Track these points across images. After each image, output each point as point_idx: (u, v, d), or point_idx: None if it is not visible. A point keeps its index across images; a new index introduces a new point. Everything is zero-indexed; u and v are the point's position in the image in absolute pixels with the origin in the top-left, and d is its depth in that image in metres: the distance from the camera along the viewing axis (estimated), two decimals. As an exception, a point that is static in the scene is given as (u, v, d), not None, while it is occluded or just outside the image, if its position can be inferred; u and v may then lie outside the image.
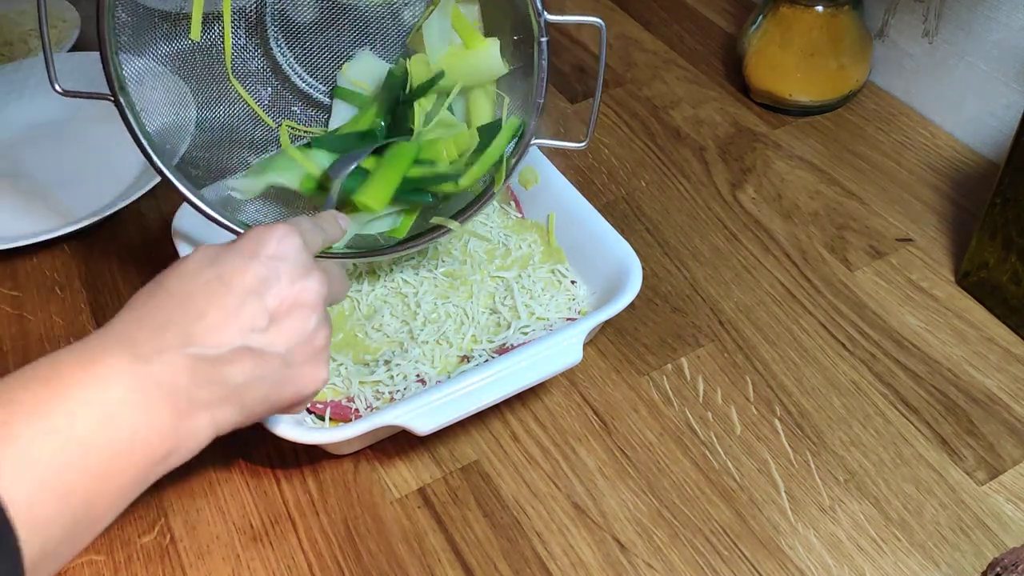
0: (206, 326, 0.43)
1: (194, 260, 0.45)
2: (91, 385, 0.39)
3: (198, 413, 0.42)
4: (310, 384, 0.47)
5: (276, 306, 0.45)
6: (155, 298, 0.44)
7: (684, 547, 0.57)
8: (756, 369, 0.66)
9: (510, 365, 0.58)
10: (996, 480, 0.59)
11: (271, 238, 0.46)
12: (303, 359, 0.46)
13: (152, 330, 0.42)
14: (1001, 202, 0.65)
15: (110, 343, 0.41)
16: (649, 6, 1.00)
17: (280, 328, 0.45)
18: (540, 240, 0.71)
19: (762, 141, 0.84)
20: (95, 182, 0.81)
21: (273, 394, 0.46)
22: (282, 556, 0.57)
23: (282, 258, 0.46)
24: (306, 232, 0.49)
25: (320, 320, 0.47)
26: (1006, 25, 0.75)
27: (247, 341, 0.44)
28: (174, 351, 0.42)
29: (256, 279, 0.45)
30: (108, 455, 0.39)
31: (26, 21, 0.97)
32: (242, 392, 0.44)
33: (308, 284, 0.46)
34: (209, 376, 0.42)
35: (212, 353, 0.42)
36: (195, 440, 0.43)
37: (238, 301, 0.44)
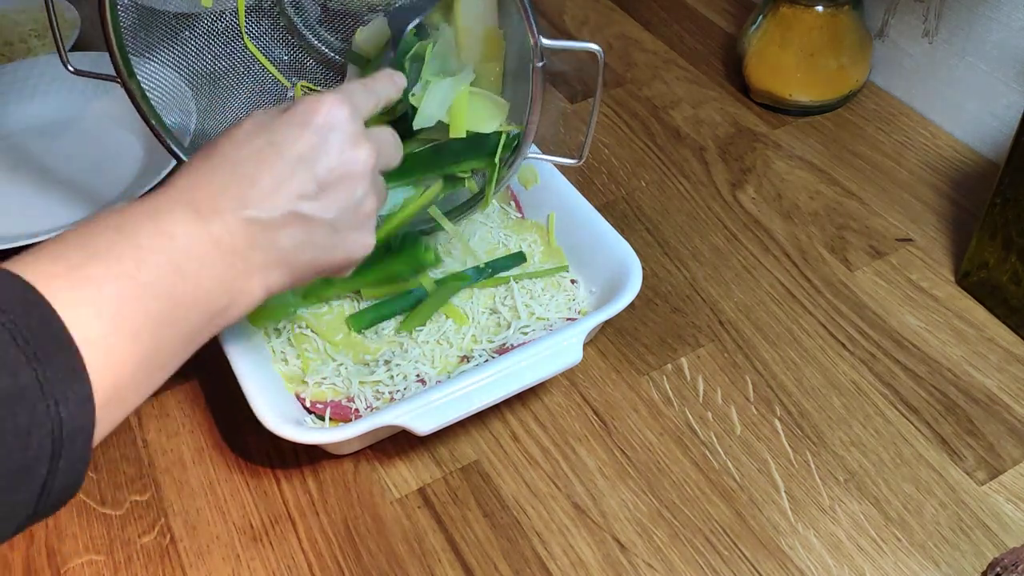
0: (259, 191, 0.44)
1: (247, 126, 0.47)
2: (158, 235, 0.42)
3: (252, 273, 0.45)
4: (358, 250, 0.49)
5: (325, 174, 0.46)
6: (210, 161, 0.45)
7: (684, 547, 0.57)
8: (756, 369, 0.66)
9: (510, 365, 0.58)
10: (996, 480, 0.59)
11: (322, 107, 0.47)
12: (350, 226, 0.48)
13: (210, 192, 0.44)
14: (1001, 202, 0.65)
15: (174, 200, 0.43)
16: (649, 6, 1.00)
17: (329, 196, 0.46)
18: (540, 240, 0.71)
19: (762, 141, 0.84)
20: (95, 182, 0.81)
21: (321, 258, 0.48)
22: (282, 556, 0.57)
23: (332, 127, 0.47)
24: (358, 99, 0.49)
25: (367, 189, 0.48)
26: (1006, 25, 0.75)
27: (297, 207, 0.45)
28: (230, 213, 0.44)
29: (307, 147, 0.46)
30: (174, 302, 0.41)
31: (26, 21, 0.97)
32: (292, 255, 0.46)
33: (357, 154, 0.47)
34: (262, 239, 0.44)
35: (265, 217, 0.44)
36: (249, 297, 0.45)
37: (289, 168, 0.45)
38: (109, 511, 0.59)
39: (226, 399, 0.65)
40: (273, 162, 0.45)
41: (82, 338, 0.37)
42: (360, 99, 0.50)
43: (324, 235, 0.47)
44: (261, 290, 0.46)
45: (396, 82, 0.56)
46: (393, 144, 0.53)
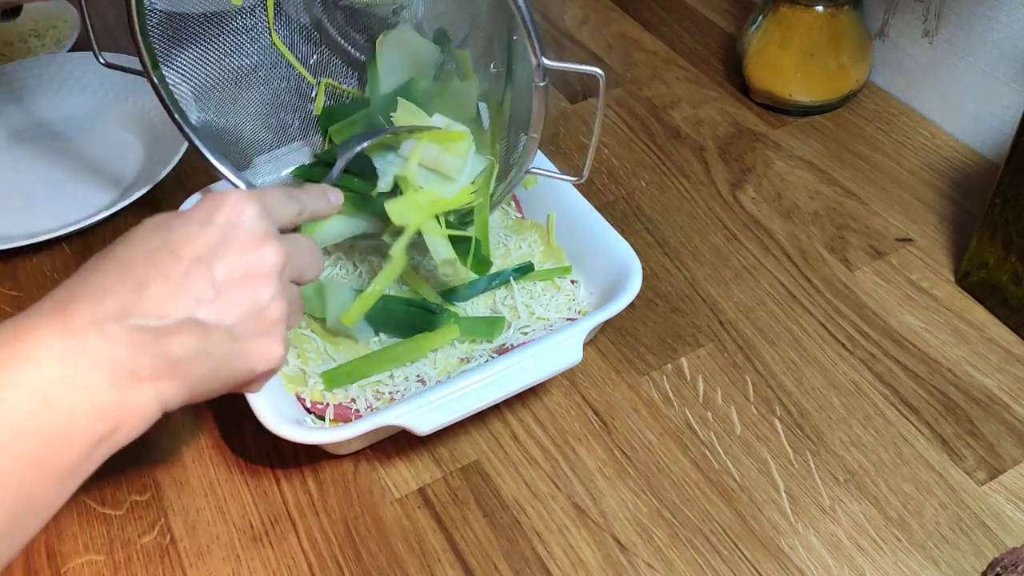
0: (149, 295, 0.40)
1: (144, 227, 0.43)
2: (20, 365, 0.37)
3: (141, 387, 0.40)
4: (261, 361, 0.44)
5: (225, 276, 0.42)
6: (100, 266, 0.41)
7: (684, 547, 0.57)
8: (756, 369, 0.66)
9: (510, 365, 0.58)
10: (996, 480, 0.59)
11: (224, 204, 0.44)
12: (253, 333, 0.43)
13: (91, 300, 0.39)
14: (1001, 202, 0.65)
15: (44, 317, 0.39)
16: (649, 6, 1.00)
17: (229, 300, 0.42)
18: (540, 240, 0.71)
19: (762, 141, 0.84)
20: (95, 182, 0.81)
21: (222, 370, 0.43)
22: (282, 556, 0.57)
23: (235, 225, 0.43)
24: (271, 200, 0.46)
25: (275, 293, 0.44)
26: (1006, 25, 0.75)
27: (192, 313, 0.41)
28: (113, 322, 0.39)
29: (205, 246, 0.42)
30: (43, 438, 0.37)
31: (26, 21, 0.97)
32: (187, 367, 0.41)
33: (262, 253, 0.43)
34: (151, 348, 0.40)
35: (154, 324, 0.40)
36: (140, 416, 0.41)
37: (184, 270, 0.41)
38: (109, 511, 0.59)
39: (226, 399, 0.65)
40: (167, 263, 0.41)
41: None
42: (276, 202, 0.47)
43: (222, 343, 0.42)
44: (155, 403, 0.41)
45: (330, 199, 0.54)
46: (309, 254, 0.48)
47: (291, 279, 0.47)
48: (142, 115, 0.85)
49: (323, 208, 0.53)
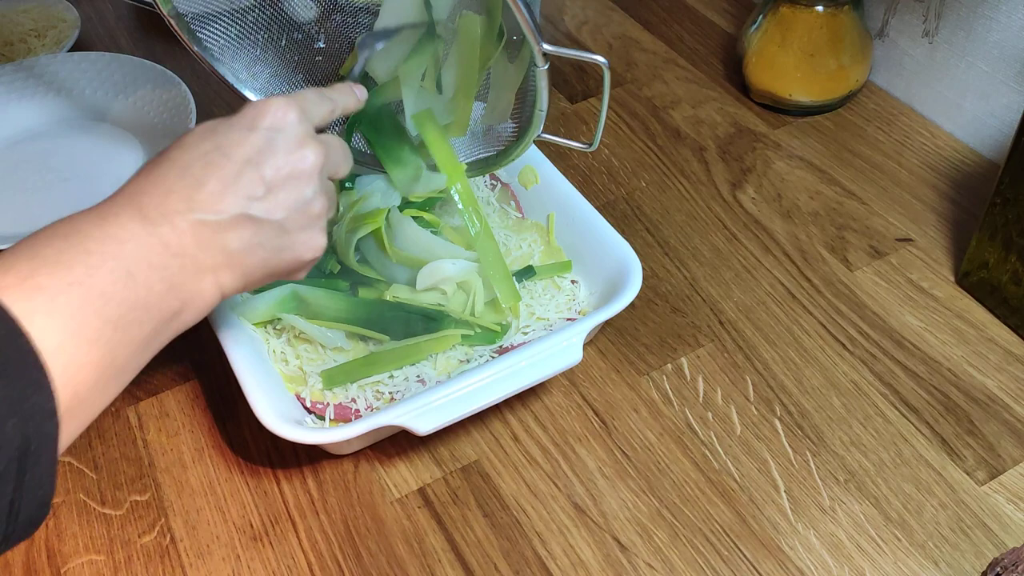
0: (207, 194, 0.44)
1: (195, 132, 0.47)
2: (107, 240, 0.42)
3: (203, 275, 0.45)
4: (307, 251, 0.49)
5: (273, 175, 0.46)
6: (160, 167, 0.45)
7: (684, 547, 0.57)
8: (756, 369, 0.66)
9: (510, 365, 0.58)
10: (996, 480, 0.59)
11: (268, 110, 0.47)
12: (300, 227, 0.48)
13: (157, 196, 0.44)
14: (1001, 202, 0.65)
15: (121, 206, 0.43)
16: (649, 6, 1.00)
17: (277, 197, 0.47)
18: (540, 240, 0.71)
19: (762, 141, 0.84)
20: (95, 182, 0.81)
21: (272, 259, 0.48)
22: (282, 556, 0.57)
23: (279, 129, 0.47)
24: (308, 104, 0.50)
25: (316, 189, 0.48)
26: (1006, 25, 0.75)
27: (245, 209, 0.45)
28: (178, 216, 0.44)
29: (253, 149, 0.46)
30: (126, 307, 0.41)
31: (26, 21, 0.97)
32: (242, 257, 0.46)
33: (305, 154, 0.48)
34: (210, 241, 0.44)
35: (213, 219, 0.44)
36: (202, 300, 0.45)
37: (236, 170, 0.45)
38: (109, 511, 0.59)
39: (226, 399, 0.65)
40: (220, 164, 0.45)
41: (41, 349, 0.37)
42: (312, 104, 0.50)
43: (273, 236, 0.47)
44: (214, 292, 0.46)
45: (357, 94, 0.57)
46: (342, 152, 0.53)
47: (328, 176, 0.51)
48: (142, 115, 0.85)
49: (352, 103, 0.56)
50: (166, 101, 0.85)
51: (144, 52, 0.92)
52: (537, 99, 0.61)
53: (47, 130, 0.86)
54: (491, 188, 0.74)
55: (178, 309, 0.44)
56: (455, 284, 0.65)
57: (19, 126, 0.86)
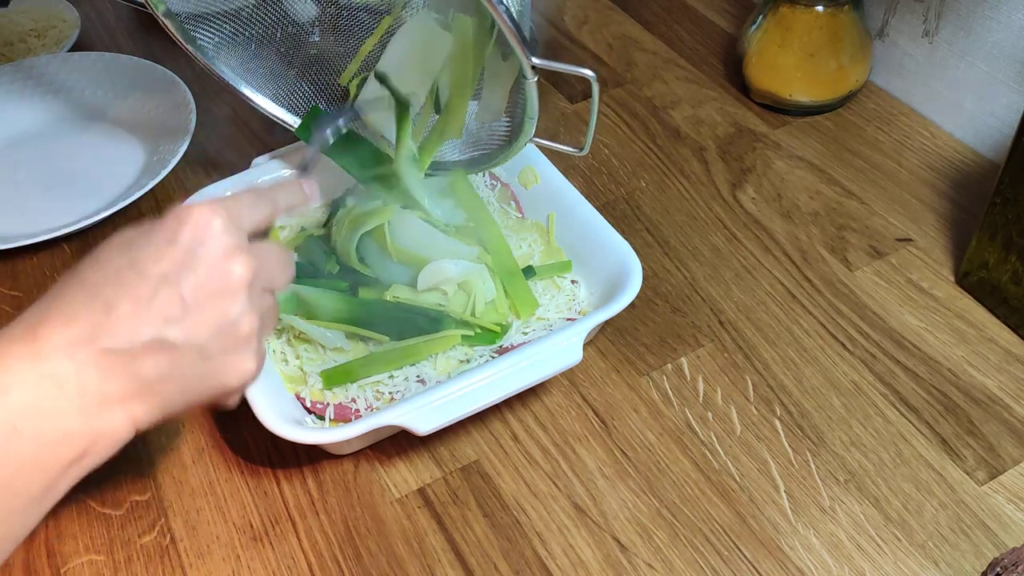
0: (116, 317, 0.40)
1: (110, 246, 0.43)
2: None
3: (111, 410, 0.40)
4: (234, 376, 0.44)
5: (192, 294, 0.42)
6: (68, 288, 0.41)
7: (684, 547, 0.57)
8: (756, 369, 0.66)
9: (510, 365, 0.58)
10: (996, 480, 0.59)
11: (190, 219, 0.42)
12: (224, 350, 0.43)
13: (59, 324, 0.39)
14: (1001, 202, 0.65)
15: (14, 341, 0.39)
16: (649, 6, 1.00)
17: (197, 318, 0.42)
18: (540, 240, 0.71)
19: (762, 141, 0.84)
20: (95, 182, 0.81)
21: (192, 387, 0.43)
22: (282, 556, 0.57)
23: (201, 240, 0.42)
24: (240, 208, 0.45)
25: (244, 307, 0.43)
26: (1006, 25, 0.75)
27: (161, 333, 0.41)
28: (81, 346, 0.39)
29: (171, 265, 0.41)
30: (13, 467, 0.38)
31: (26, 21, 0.97)
32: (159, 386, 0.41)
33: (231, 268, 0.43)
34: (120, 371, 0.40)
35: (123, 346, 0.40)
36: (111, 439, 0.41)
37: (151, 290, 0.41)
38: (109, 511, 0.59)
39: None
40: (134, 284, 0.41)
41: None
42: (244, 209, 0.45)
43: (194, 361, 0.42)
44: (125, 427, 0.41)
45: (304, 190, 0.52)
46: (279, 262, 0.47)
47: (263, 289, 0.46)
48: (142, 115, 0.85)
49: (298, 200, 0.51)
50: (166, 101, 0.85)
51: (144, 52, 0.92)
52: (527, 108, 0.61)
53: (47, 130, 0.86)
54: (491, 188, 0.74)
55: (79, 454, 0.40)
56: (456, 285, 0.65)
57: (19, 126, 0.86)
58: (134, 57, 0.88)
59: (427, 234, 0.65)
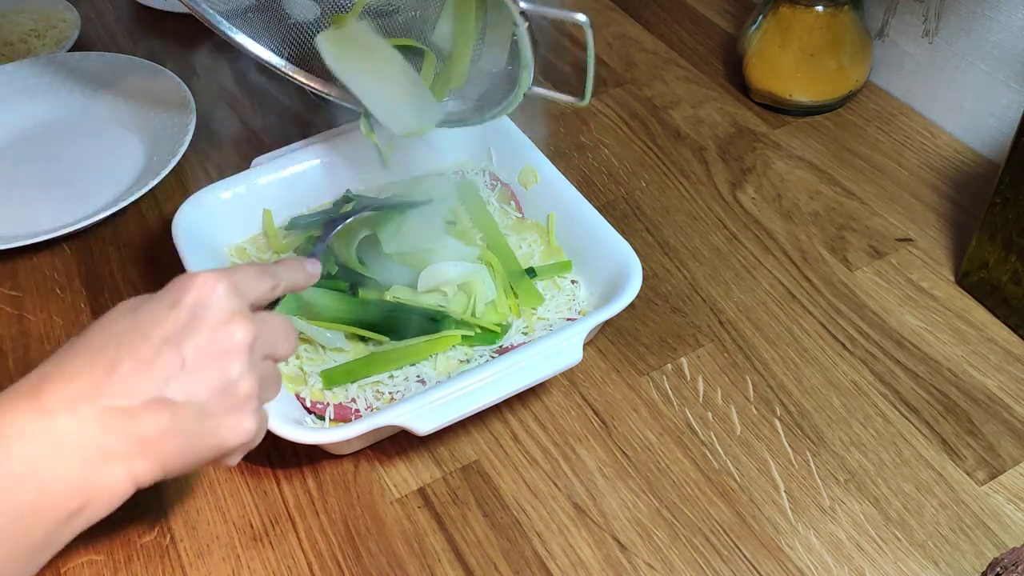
0: (119, 376, 0.42)
1: (115, 311, 0.45)
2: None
3: (112, 466, 0.42)
4: (232, 435, 0.45)
5: (193, 355, 0.43)
6: (73, 349, 0.43)
7: (684, 547, 0.57)
8: (756, 369, 0.66)
9: (510, 365, 0.58)
10: (996, 480, 0.59)
11: (193, 285, 0.44)
12: (224, 409, 0.44)
13: (62, 382, 0.41)
14: (1001, 202, 0.65)
15: (17, 397, 0.41)
16: (649, 6, 1.00)
17: (198, 377, 0.43)
18: (540, 240, 0.71)
19: (762, 141, 0.84)
20: (95, 182, 0.81)
21: (193, 445, 0.44)
22: (282, 556, 0.57)
23: (204, 305, 0.44)
24: (242, 279, 0.47)
25: (244, 369, 0.44)
26: (1006, 25, 0.75)
27: (162, 391, 0.42)
28: (83, 402, 0.41)
29: (174, 327, 0.43)
30: (14, 516, 0.39)
31: (26, 21, 0.97)
32: (158, 444, 0.42)
33: (232, 331, 0.44)
34: (120, 427, 0.41)
35: (124, 404, 0.41)
36: (110, 494, 0.42)
37: (154, 351, 0.42)
38: (109, 511, 0.59)
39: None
40: (136, 345, 0.42)
41: None
42: (247, 280, 0.47)
43: (193, 419, 0.43)
44: (125, 483, 0.42)
45: (308, 270, 0.53)
46: (281, 331, 0.48)
47: (264, 356, 0.47)
48: (142, 115, 0.85)
49: (300, 280, 0.52)
50: (166, 101, 0.85)
51: (144, 52, 0.92)
52: (522, 56, 0.60)
53: (47, 130, 0.86)
54: (491, 188, 0.74)
55: (79, 507, 0.41)
56: (456, 286, 0.65)
57: (19, 126, 0.86)
58: (134, 57, 0.88)
59: (429, 232, 0.65)
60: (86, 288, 0.74)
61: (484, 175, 0.75)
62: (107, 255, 0.76)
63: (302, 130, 0.80)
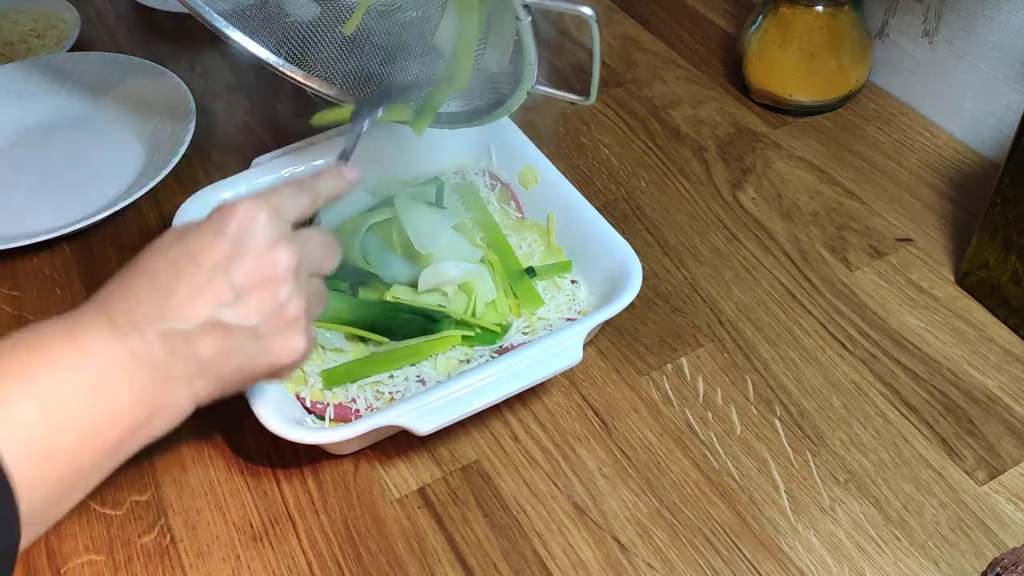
0: (175, 301, 0.44)
1: (165, 238, 0.46)
2: (74, 353, 0.41)
3: (175, 384, 0.44)
4: (285, 354, 0.47)
5: (243, 280, 0.45)
6: (129, 274, 0.45)
7: (684, 547, 0.57)
8: (756, 369, 0.66)
9: (510, 365, 0.58)
10: (996, 480, 0.59)
11: (235, 213, 0.46)
12: (275, 330, 0.47)
13: (127, 304, 0.44)
14: (1001, 202, 0.65)
15: (90, 315, 0.43)
16: (649, 6, 1.00)
17: (248, 301, 0.45)
18: (540, 240, 0.71)
19: (762, 141, 0.84)
20: (95, 182, 0.81)
21: (247, 365, 0.47)
22: (282, 556, 0.57)
23: (247, 232, 0.46)
24: (281, 200, 0.48)
25: (291, 291, 0.47)
26: (1006, 25, 0.75)
27: (216, 315, 0.44)
28: (148, 325, 0.43)
29: (221, 254, 0.45)
30: (90, 420, 0.41)
31: (26, 21, 0.97)
32: (215, 364, 0.45)
33: (276, 256, 0.46)
34: (181, 349, 0.44)
35: (183, 327, 0.44)
36: (175, 409, 0.45)
37: (205, 276, 0.45)
38: (109, 511, 0.59)
39: (226, 399, 0.65)
40: (189, 271, 0.45)
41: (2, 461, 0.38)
42: (286, 200, 0.48)
43: (247, 341, 0.46)
44: (188, 399, 0.45)
45: (346, 176, 0.54)
46: (324, 248, 0.51)
47: (309, 274, 0.49)
48: (142, 115, 0.85)
49: (340, 188, 0.54)
50: (166, 101, 0.85)
51: (144, 52, 0.92)
52: (525, 53, 0.59)
53: (47, 130, 0.86)
54: (491, 188, 0.74)
55: (146, 419, 0.44)
56: (456, 286, 0.65)
57: (19, 126, 0.86)
58: (134, 57, 0.88)
59: (434, 226, 0.65)
60: (86, 288, 0.74)
61: (484, 175, 0.75)
62: (107, 255, 0.76)
63: (302, 130, 0.79)
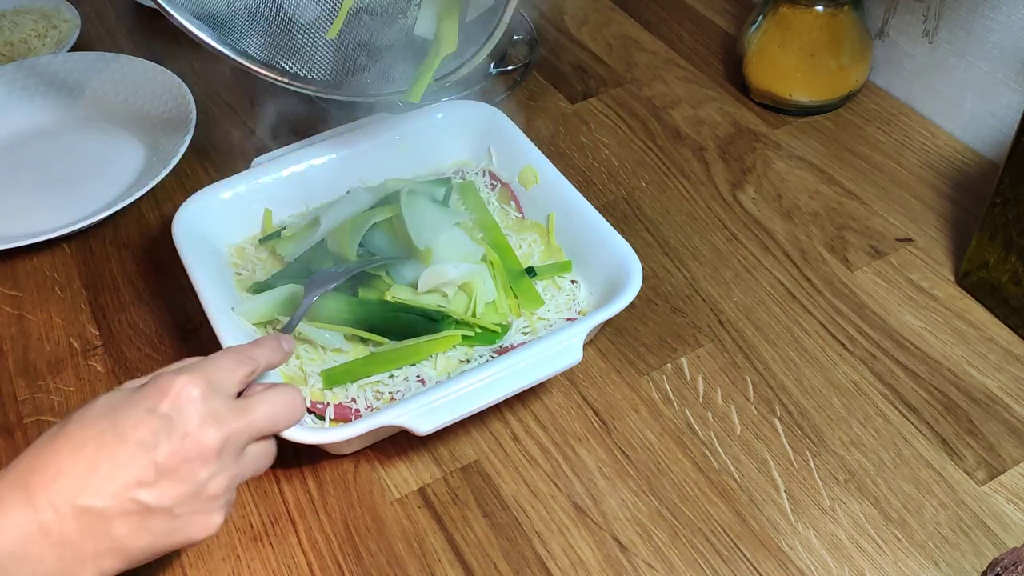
0: (96, 477, 0.44)
1: (96, 406, 0.46)
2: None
3: (83, 562, 0.44)
4: (198, 532, 0.47)
5: (166, 460, 0.45)
6: (55, 442, 0.45)
7: (684, 547, 0.57)
8: (756, 369, 0.66)
9: (510, 365, 0.58)
10: (996, 480, 0.59)
11: (171, 390, 0.46)
12: (192, 510, 0.46)
13: (48, 477, 0.44)
14: (1001, 202, 0.65)
15: (8, 487, 0.43)
16: (649, 6, 1.00)
17: (169, 481, 0.45)
18: (540, 240, 0.71)
19: (762, 141, 0.84)
20: (95, 182, 0.81)
21: (159, 542, 0.46)
22: (282, 556, 0.57)
23: (179, 409, 0.46)
24: (220, 374, 0.49)
25: (214, 471, 0.47)
26: (1006, 25, 0.75)
27: (135, 495, 0.44)
28: (64, 500, 0.43)
29: (149, 432, 0.45)
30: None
31: (26, 21, 0.97)
32: (127, 542, 0.45)
33: (202, 436, 0.46)
34: (95, 527, 0.44)
35: (99, 505, 0.44)
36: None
37: (129, 455, 0.44)
38: (109, 511, 0.59)
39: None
40: (114, 447, 0.44)
41: None
42: (223, 376, 0.49)
43: (162, 521, 0.46)
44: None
45: (284, 347, 0.55)
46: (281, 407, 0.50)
47: (243, 447, 0.49)
48: (142, 115, 0.85)
49: (277, 359, 0.54)
50: (166, 101, 0.85)
51: (144, 52, 0.92)
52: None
53: (47, 130, 0.86)
54: (491, 188, 0.74)
55: None
56: (456, 286, 0.65)
57: (19, 126, 0.87)
58: (134, 57, 0.88)
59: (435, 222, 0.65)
60: (86, 288, 0.74)
61: (484, 175, 0.75)
62: (107, 255, 0.76)
63: (302, 130, 0.80)
